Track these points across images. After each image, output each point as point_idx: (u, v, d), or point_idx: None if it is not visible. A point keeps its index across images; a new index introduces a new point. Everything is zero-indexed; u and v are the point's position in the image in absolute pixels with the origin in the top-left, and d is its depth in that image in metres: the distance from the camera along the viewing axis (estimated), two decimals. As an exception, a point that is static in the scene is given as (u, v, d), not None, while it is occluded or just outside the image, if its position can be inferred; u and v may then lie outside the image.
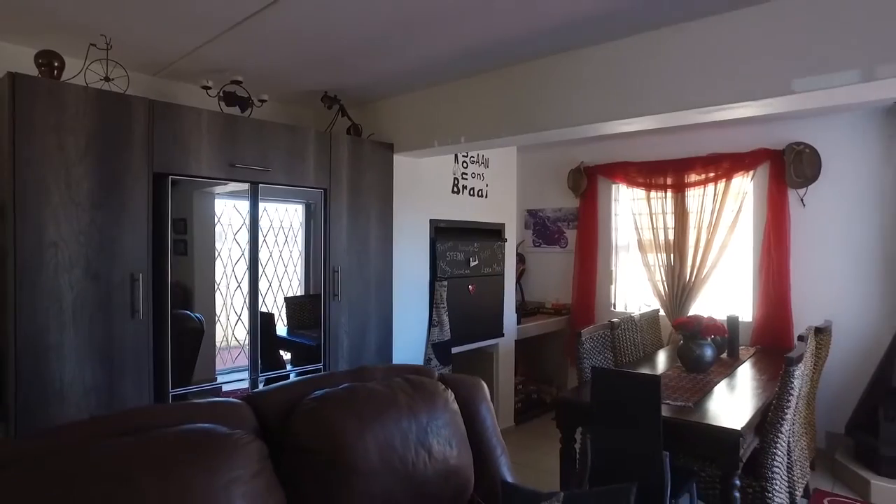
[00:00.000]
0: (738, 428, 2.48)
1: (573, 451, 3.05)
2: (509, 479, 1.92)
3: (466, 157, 4.12)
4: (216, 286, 2.84)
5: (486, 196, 4.32)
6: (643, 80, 2.57)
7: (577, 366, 3.43)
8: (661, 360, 3.86)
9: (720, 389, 3.11)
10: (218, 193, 2.85)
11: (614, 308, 5.28)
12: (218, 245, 2.80)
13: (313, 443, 1.50)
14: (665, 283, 4.92)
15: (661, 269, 4.95)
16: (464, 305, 4.04)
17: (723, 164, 4.60)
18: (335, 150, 3.18)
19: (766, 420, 2.78)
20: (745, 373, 3.51)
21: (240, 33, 2.50)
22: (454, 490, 1.75)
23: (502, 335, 4.46)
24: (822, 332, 3.59)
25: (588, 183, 5.35)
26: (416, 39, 2.62)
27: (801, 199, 4.30)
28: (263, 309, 3.02)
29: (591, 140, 5.09)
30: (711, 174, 4.67)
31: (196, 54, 2.74)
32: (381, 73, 3.08)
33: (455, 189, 4.03)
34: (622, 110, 2.67)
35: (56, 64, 2.42)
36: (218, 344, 2.91)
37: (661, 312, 4.83)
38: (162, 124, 2.51)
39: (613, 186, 5.32)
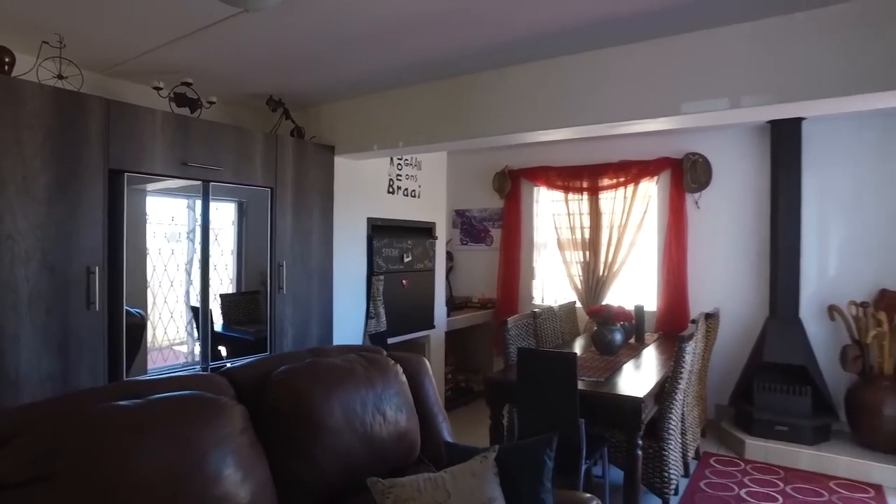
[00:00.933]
0: (641, 396, 2.93)
1: (502, 427, 3.40)
2: (450, 441, 2.22)
3: (401, 159, 4.39)
4: (148, 283, 2.90)
5: (419, 196, 4.62)
6: (564, 96, 2.95)
7: (503, 351, 3.79)
8: (578, 345, 4.31)
9: (628, 368, 3.56)
10: (150, 191, 2.91)
11: (535, 301, 5.72)
12: (149, 243, 2.86)
13: (287, 406, 1.73)
14: (581, 278, 5.41)
15: (578, 264, 5.44)
16: (398, 299, 4.31)
17: (632, 170, 5.14)
18: (281, 152, 3.36)
19: (663, 391, 3.25)
20: (650, 354, 4.01)
21: (193, 38, 2.65)
22: (405, 450, 2.03)
23: (433, 327, 4.77)
24: (711, 318, 4.15)
25: (512, 185, 5.77)
26: (363, 53, 2.87)
27: (696, 203, 4.90)
28: (197, 304, 3.11)
29: (516, 146, 5.50)
30: (622, 179, 5.20)
31: (148, 56, 2.85)
32: (326, 81, 3.30)
33: (390, 189, 4.30)
34: (546, 122, 3.03)
35: (7, 60, 2.48)
36: (149, 342, 2.97)
37: (578, 304, 5.32)
38: (118, 123, 2.62)
39: (535, 189, 5.76)
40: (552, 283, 5.75)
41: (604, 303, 5.22)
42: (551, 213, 5.64)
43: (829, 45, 2.30)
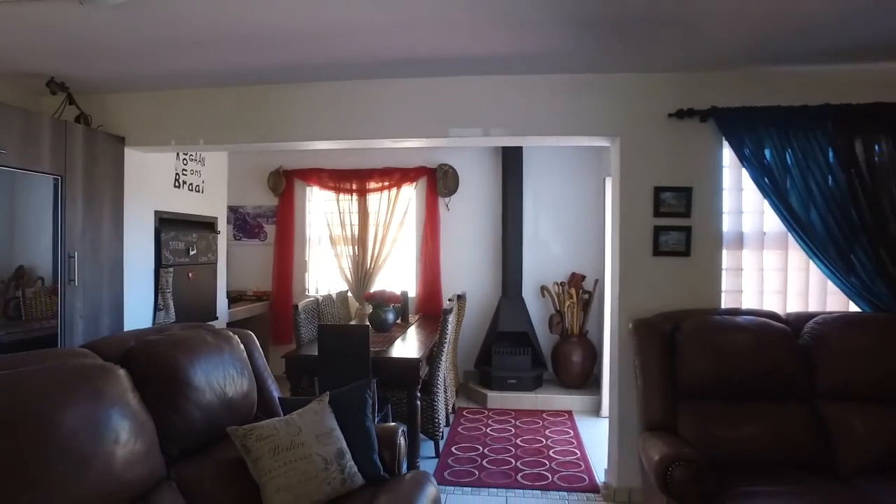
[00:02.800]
0: (419, 357, 3.69)
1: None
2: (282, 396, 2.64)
3: (187, 154, 4.45)
4: None
5: (203, 191, 4.70)
6: (357, 112, 3.51)
7: (295, 332, 4.20)
8: (356, 326, 4.92)
9: (400, 341, 4.32)
10: None
11: (309, 292, 6.17)
12: None
13: (156, 370, 1.97)
14: (351, 270, 6.05)
15: (348, 258, 6.07)
16: (184, 291, 4.37)
17: (395, 176, 5.97)
18: (70, 139, 3.25)
19: (432, 354, 4.07)
20: (414, 331, 4.84)
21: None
22: (248, 407, 2.39)
23: (216, 318, 4.89)
24: (461, 299, 5.17)
25: (286, 184, 6.13)
26: (171, 55, 3.00)
27: (447, 205, 5.96)
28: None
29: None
30: (386, 183, 6.00)
31: None
32: (122, 72, 3.28)
33: (177, 184, 4.33)
34: (341, 133, 3.56)
35: None
36: None
37: (350, 293, 5.95)
38: None
39: (308, 188, 6.22)
40: (324, 275, 6.28)
41: (373, 290, 5.96)
42: (323, 211, 6.17)
43: (544, 100, 3.35)
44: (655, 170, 3.25)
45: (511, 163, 5.68)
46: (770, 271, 3.33)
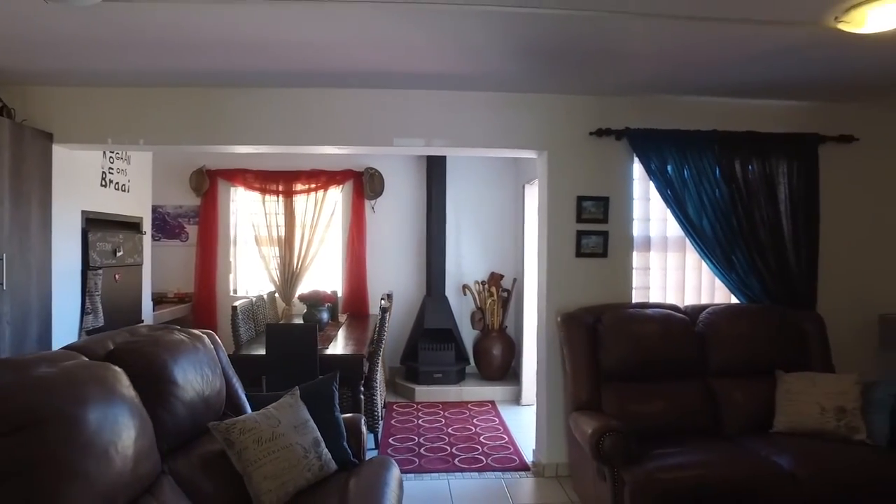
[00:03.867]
0: (364, 353, 3.89)
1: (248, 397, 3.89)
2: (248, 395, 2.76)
3: (113, 153, 4.32)
4: None
5: (129, 191, 4.58)
6: (300, 119, 3.64)
7: (233, 332, 4.22)
8: (289, 326, 5.00)
9: (335, 339, 4.48)
10: None
11: (234, 293, 6.11)
12: None
13: (144, 369, 2.04)
14: (278, 271, 6.08)
15: (275, 259, 6.08)
16: (111, 293, 4.24)
17: (321, 178, 6.07)
18: (-4, 134, 3.12)
19: (371, 352, 4.28)
20: (346, 329, 5.01)
21: None
22: (220, 404, 2.50)
23: (143, 321, 4.77)
24: (388, 298, 5.41)
25: (209, 184, 6.02)
26: (104, 52, 2.95)
27: (373, 208, 6.15)
28: None
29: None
30: (313, 185, 6.08)
31: None
32: (53, 65, 3.17)
33: (103, 183, 4.20)
34: (282, 138, 3.67)
35: None
36: None
37: (277, 294, 5.97)
38: None
39: (232, 189, 6.16)
40: (249, 276, 6.25)
41: (298, 292, 6.02)
42: (249, 212, 6.13)
43: (481, 115, 3.68)
44: (578, 181, 3.69)
45: (435, 168, 5.99)
46: (671, 270, 3.90)
